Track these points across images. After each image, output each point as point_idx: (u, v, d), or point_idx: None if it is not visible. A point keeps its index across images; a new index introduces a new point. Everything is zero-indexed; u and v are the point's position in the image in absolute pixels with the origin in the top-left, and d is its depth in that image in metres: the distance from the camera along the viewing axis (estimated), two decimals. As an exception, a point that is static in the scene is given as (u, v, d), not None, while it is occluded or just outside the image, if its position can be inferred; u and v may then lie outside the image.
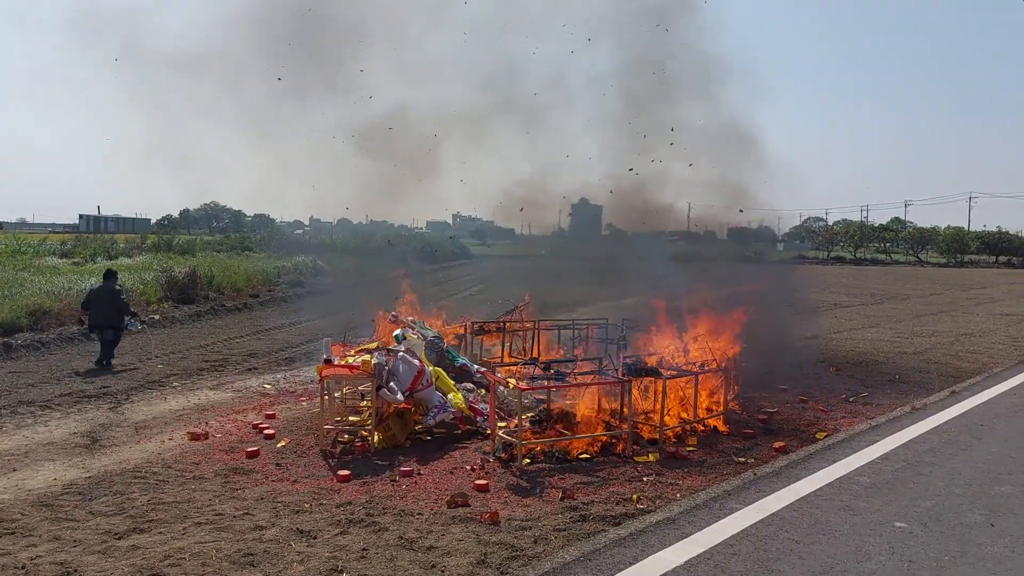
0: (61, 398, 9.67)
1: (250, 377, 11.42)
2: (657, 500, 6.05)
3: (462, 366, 9.63)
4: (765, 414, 9.02)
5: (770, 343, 14.65)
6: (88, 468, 6.90)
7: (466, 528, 5.41)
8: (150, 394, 10.10)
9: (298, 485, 6.42)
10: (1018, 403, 9.72)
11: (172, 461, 7.08)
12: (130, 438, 7.97)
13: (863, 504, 5.80)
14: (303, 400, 9.78)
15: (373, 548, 5.03)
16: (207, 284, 21.65)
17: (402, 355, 7.95)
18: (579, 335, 12.41)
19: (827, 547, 4.93)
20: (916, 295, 30.50)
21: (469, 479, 6.58)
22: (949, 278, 45.59)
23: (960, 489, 6.21)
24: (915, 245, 77.64)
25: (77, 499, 6.03)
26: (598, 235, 24.09)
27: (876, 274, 49.48)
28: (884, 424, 8.44)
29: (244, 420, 8.67)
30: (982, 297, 29.82)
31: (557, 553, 4.86)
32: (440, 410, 7.88)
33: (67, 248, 31.88)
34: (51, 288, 17.22)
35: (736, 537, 5.07)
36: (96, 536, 5.26)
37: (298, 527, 5.40)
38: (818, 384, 11.12)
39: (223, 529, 5.37)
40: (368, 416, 7.87)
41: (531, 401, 8.46)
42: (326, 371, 7.89)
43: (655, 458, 7.20)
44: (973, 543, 5.06)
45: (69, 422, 8.57)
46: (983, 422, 8.59)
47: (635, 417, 7.74)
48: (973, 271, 57.94)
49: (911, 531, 5.25)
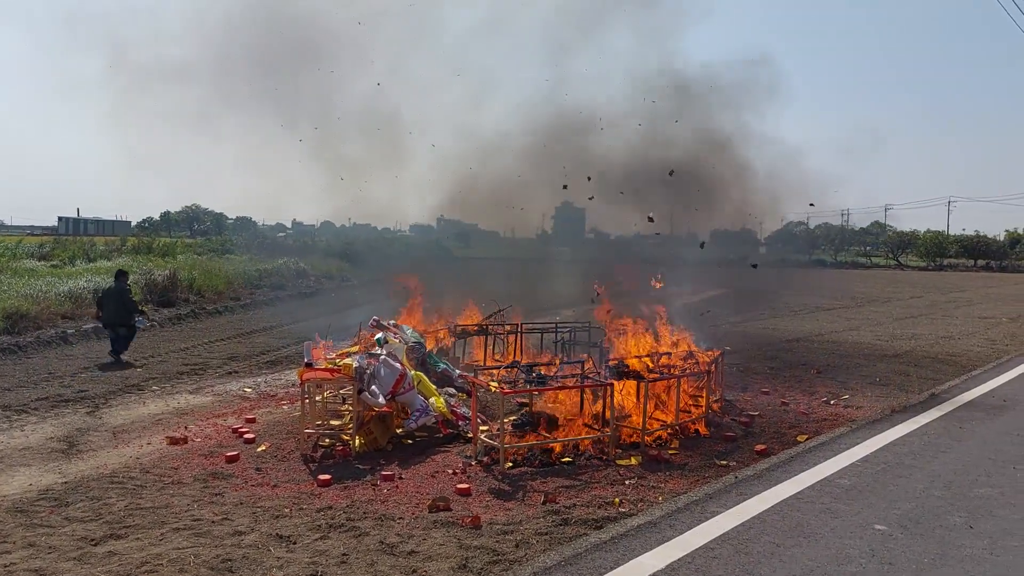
0: (38, 402, 9.54)
1: (230, 381, 11.32)
2: (639, 504, 6.04)
3: (443, 371, 9.60)
4: (747, 417, 9.05)
5: (752, 345, 14.72)
6: (65, 473, 6.81)
7: (448, 532, 5.38)
8: (128, 398, 9.99)
9: (278, 490, 6.36)
10: (997, 405, 9.80)
11: (150, 466, 7.00)
12: (108, 443, 7.88)
13: (844, 507, 5.82)
14: (284, 404, 9.71)
15: (353, 553, 4.99)
16: (188, 287, 21.50)
17: (384, 358, 7.91)
18: (562, 338, 12.42)
19: (808, 550, 4.94)
20: (896, 298, 30.74)
21: (451, 483, 6.54)
22: (929, 281, 46.00)
23: (940, 491, 6.25)
24: (895, 249, 78.37)
25: (53, 505, 5.95)
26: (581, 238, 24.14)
27: (857, 277, 49.81)
28: (864, 427, 8.48)
29: (224, 424, 8.60)
30: (961, 300, 30.10)
31: (539, 557, 4.85)
32: (422, 414, 7.85)
33: (45, 250, 31.56)
34: (29, 291, 17.03)
35: (717, 540, 5.07)
36: (72, 542, 5.18)
37: (278, 532, 5.34)
38: (799, 387, 11.17)
39: (201, 535, 5.31)
40: (349, 420, 7.82)
41: (513, 405, 8.44)
42: (307, 374, 7.84)
43: (637, 461, 7.20)
44: (953, 545, 5.09)
45: (46, 426, 8.46)
46: (962, 424, 8.66)
47: (617, 421, 7.73)
48: (952, 274, 58.51)
49: (891, 533, 5.27)
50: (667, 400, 8.45)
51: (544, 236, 24.11)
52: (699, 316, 13.97)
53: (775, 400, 10.15)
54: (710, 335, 13.32)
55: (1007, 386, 11.24)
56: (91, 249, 32.64)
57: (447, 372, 9.59)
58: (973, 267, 69.32)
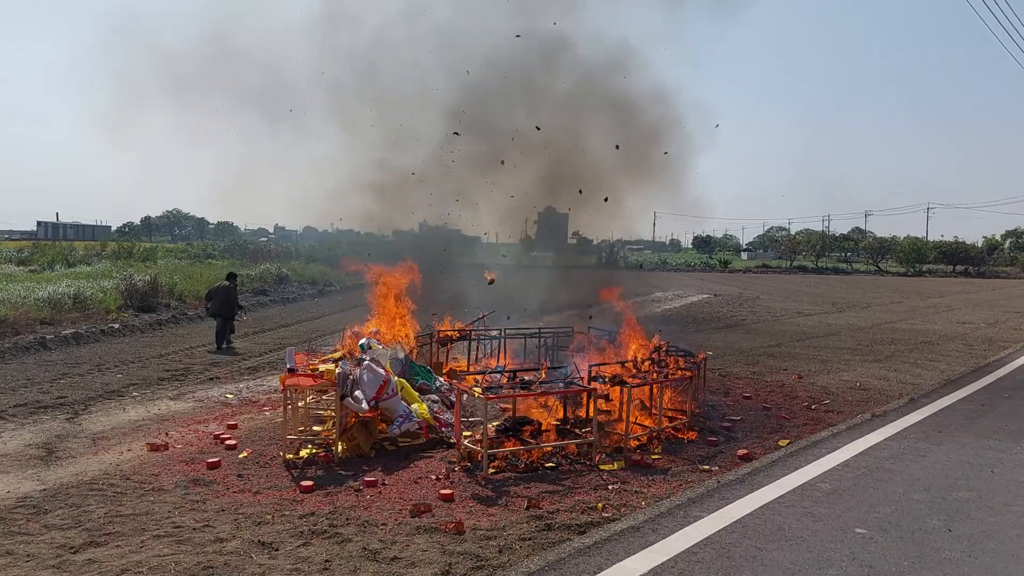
0: (16, 408, 9.44)
1: (212, 387, 11.25)
2: (622, 508, 6.06)
3: (421, 385, 9.36)
4: (729, 422, 9.10)
5: (734, 351, 14.79)
6: (43, 480, 6.74)
7: (431, 538, 5.37)
8: (108, 404, 9.89)
9: (260, 496, 6.32)
10: (975, 409, 9.91)
11: (130, 473, 6.94)
12: (87, 449, 7.80)
13: (824, 511, 5.86)
14: (266, 410, 9.65)
15: (336, 560, 4.97)
16: (169, 292, 21.34)
17: (367, 364, 7.89)
18: (545, 343, 12.43)
19: (789, 553, 4.97)
20: (877, 303, 31.01)
21: (434, 489, 6.53)
22: (908, 287, 46.43)
23: (919, 495, 6.31)
24: (875, 254, 79.01)
25: (31, 512, 5.88)
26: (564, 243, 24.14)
27: (838, 283, 50.24)
28: (845, 431, 8.56)
29: (205, 430, 8.54)
30: (940, 306, 30.40)
31: (522, 563, 4.85)
32: (405, 419, 7.83)
33: (24, 255, 31.26)
34: (6, 296, 16.85)
35: (700, 545, 5.09)
36: (51, 550, 5.13)
37: (259, 539, 5.31)
38: (781, 391, 11.24)
39: (182, 542, 5.27)
40: (332, 426, 7.79)
41: (496, 410, 8.44)
42: (289, 380, 7.80)
43: (620, 466, 7.22)
44: (932, 548, 5.14)
45: (24, 433, 8.36)
46: (941, 428, 8.75)
47: (600, 426, 7.75)
48: (931, 280, 59.07)
49: (871, 537, 5.32)
50: (650, 405, 8.48)
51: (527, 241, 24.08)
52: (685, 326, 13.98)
53: (757, 405, 10.21)
54: (691, 341, 13.37)
55: (984, 391, 11.37)
56: (71, 254, 32.37)
57: (425, 386, 9.34)
58: (951, 273, 69.99)
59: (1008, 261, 79.13)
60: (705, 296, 32.74)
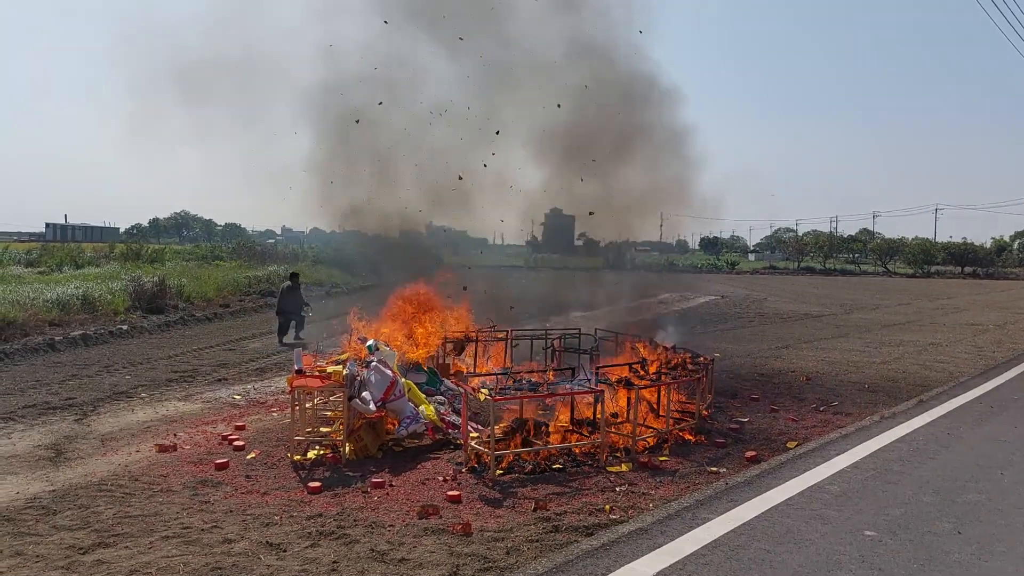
0: (25, 409, 9.47)
1: (220, 388, 11.28)
2: (630, 510, 6.05)
3: (426, 390, 9.26)
4: (737, 423, 9.08)
5: (742, 353, 14.77)
6: (52, 481, 6.76)
7: (438, 540, 5.37)
8: (117, 405, 9.93)
9: (268, 497, 6.34)
10: (984, 411, 9.87)
11: (139, 474, 6.96)
12: (96, 450, 7.83)
13: (833, 513, 5.84)
14: (274, 411, 9.67)
15: (344, 561, 4.98)
16: (176, 294, 21.40)
17: (375, 365, 7.90)
18: (551, 345, 12.42)
19: (798, 556, 4.95)
20: (885, 305, 30.91)
21: (441, 490, 6.54)
22: (916, 288, 46.28)
23: (928, 497, 6.28)
24: (883, 256, 78.78)
25: (40, 513, 5.91)
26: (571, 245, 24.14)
27: (845, 284, 50.12)
28: (854, 433, 8.52)
29: (213, 432, 8.56)
30: (949, 307, 30.29)
31: (530, 564, 4.84)
32: (412, 421, 7.83)
33: (32, 257, 31.41)
34: (15, 298, 16.92)
35: (708, 547, 5.08)
36: (60, 551, 5.15)
37: (268, 540, 5.32)
38: (789, 393, 11.21)
39: (191, 543, 5.28)
40: (339, 427, 7.80)
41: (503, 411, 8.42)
42: (297, 381, 7.81)
43: (628, 468, 7.21)
44: (941, 551, 5.11)
45: (33, 434, 8.40)
46: (950, 431, 8.71)
47: (607, 427, 7.74)
48: (939, 282, 58.87)
49: (881, 539, 5.29)
50: (658, 407, 8.46)
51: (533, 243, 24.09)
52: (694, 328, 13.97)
53: (765, 407, 10.18)
54: (699, 343, 13.34)
55: (993, 392, 11.32)
56: (79, 256, 32.51)
57: (429, 391, 9.25)
58: (960, 274, 69.72)
59: (1017, 262, 78.94)
60: (712, 297, 32.67)
